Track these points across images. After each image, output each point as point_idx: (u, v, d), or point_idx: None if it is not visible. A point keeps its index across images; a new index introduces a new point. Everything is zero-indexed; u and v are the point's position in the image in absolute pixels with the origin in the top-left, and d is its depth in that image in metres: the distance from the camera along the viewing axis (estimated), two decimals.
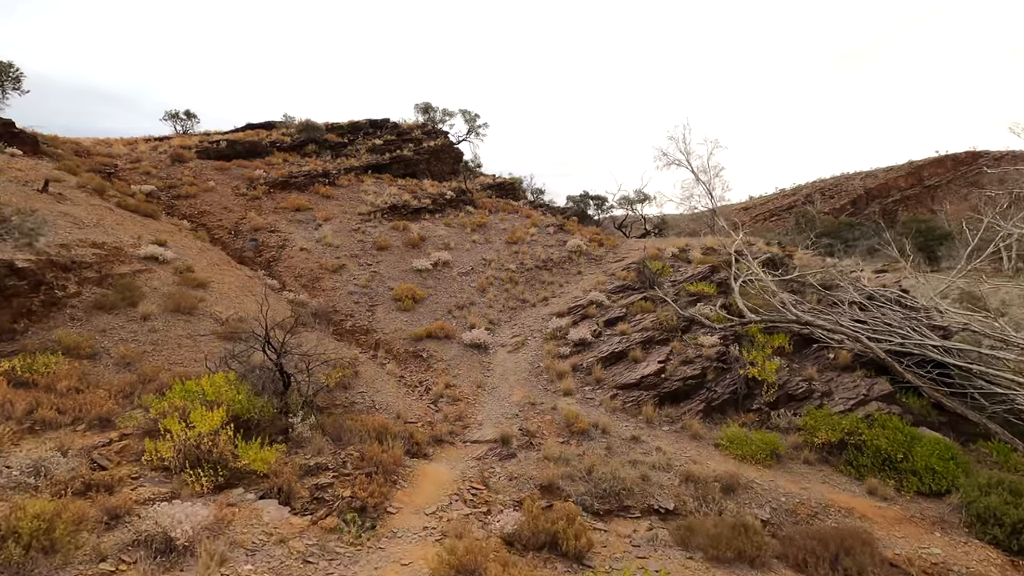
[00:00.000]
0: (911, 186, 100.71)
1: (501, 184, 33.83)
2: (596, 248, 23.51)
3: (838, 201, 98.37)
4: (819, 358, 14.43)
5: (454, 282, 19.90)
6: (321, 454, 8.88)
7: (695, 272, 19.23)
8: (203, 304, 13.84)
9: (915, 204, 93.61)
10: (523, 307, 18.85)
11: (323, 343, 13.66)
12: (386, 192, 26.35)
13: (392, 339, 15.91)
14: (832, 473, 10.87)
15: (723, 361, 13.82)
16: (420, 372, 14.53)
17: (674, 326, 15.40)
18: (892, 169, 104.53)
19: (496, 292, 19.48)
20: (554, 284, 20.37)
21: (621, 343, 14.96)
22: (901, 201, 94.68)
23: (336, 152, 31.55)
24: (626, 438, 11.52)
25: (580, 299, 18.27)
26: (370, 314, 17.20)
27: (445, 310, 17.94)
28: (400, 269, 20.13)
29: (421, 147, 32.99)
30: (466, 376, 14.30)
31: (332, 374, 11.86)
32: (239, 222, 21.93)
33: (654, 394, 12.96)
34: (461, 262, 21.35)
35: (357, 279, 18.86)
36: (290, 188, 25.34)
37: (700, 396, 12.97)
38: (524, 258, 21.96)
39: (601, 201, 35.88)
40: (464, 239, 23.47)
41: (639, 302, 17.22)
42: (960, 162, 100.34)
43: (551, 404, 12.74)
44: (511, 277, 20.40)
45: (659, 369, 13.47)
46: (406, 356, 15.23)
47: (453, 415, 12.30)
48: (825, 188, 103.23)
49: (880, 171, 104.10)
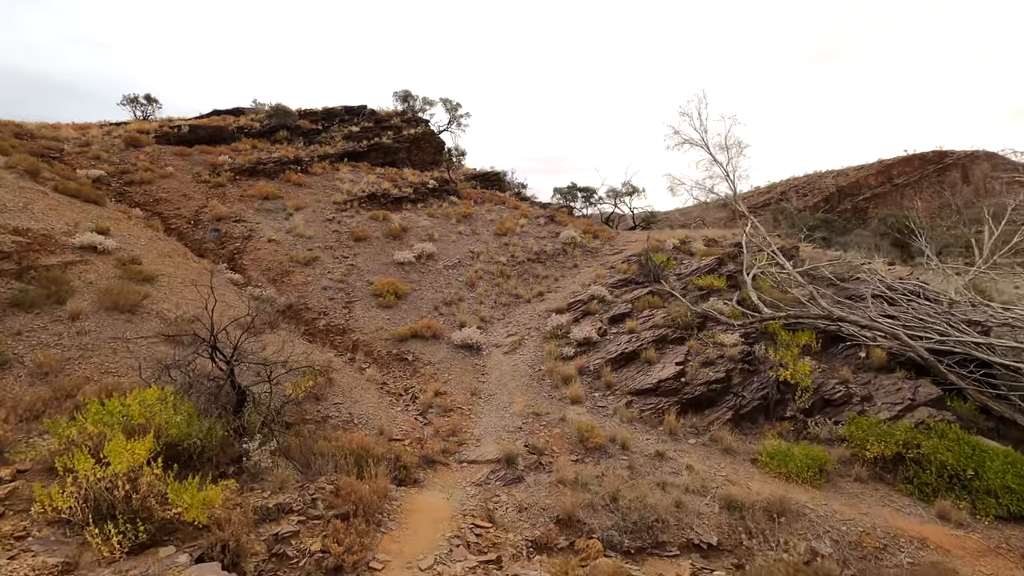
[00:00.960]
0: (881, 184, 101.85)
1: (486, 175, 31.86)
2: (591, 240, 21.75)
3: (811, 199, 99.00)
4: (849, 358, 12.89)
5: (440, 276, 17.92)
6: (284, 490, 6.90)
7: (702, 264, 17.60)
8: (148, 301, 11.65)
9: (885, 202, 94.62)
10: (517, 303, 16.98)
11: (291, 346, 11.59)
12: (364, 180, 24.19)
13: (372, 340, 13.89)
14: (890, 493, 9.27)
15: (748, 362, 12.17)
16: (405, 378, 12.56)
17: (688, 323, 13.72)
18: (863, 168, 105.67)
19: (487, 287, 17.57)
20: (549, 278, 18.55)
21: (631, 342, 13.21)
22: (872, 199, 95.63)
23: (309, 139, 29.19)
24: (650, 454, 9.76)
25: (579, 294, 16.49)
26: (347, 312, 15.13)
27: (431, 306, 15.97)
28: (380, 262, 18.07)
29: (401, 135, 30.80)
30: (458, 382, 12.37)
31: (301, 383, 9.84)
32: (199, 211, 19.57)
33: (674, 401, 11.23)
34: (447, 254, 19.38)
35: (332, 273, 16.76)
36: (258, 175, 23.00)
37: (727, 403, 11.29)
38: (515, 250, 20.08)
39: (590, 193, 34.19)
40: (449, 230, 21.48)
41: (645, 297, 15.50)
42: (927, 161, 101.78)
43: (558, 414, 10.91)
44: (502, 271, 18.51)
45: (678, 372, 11.74)
46: (389, 359, 13.23)
47: (446, 429, 10.38)
48: (799, 186, 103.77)
49: (851, 169, 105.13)
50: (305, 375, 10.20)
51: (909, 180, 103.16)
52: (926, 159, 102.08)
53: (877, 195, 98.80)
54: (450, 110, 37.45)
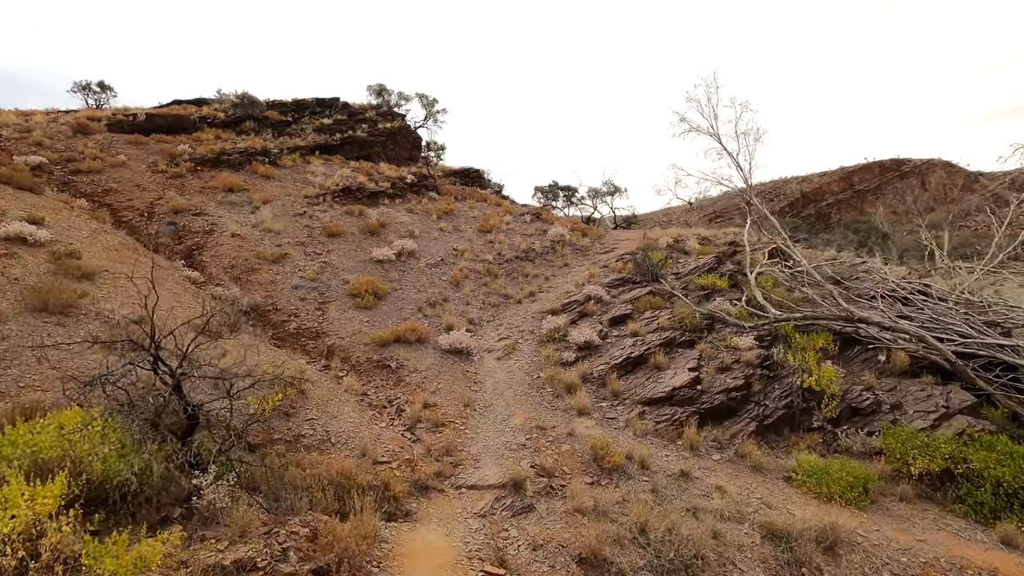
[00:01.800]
0: (843, 190, 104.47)
1: (465, 172, 30.41)
2: (580, 238, 20.57)
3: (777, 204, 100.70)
4: (868, 361, 11.93)
5: (422, 275, 16.43)
6: (246, 537, 5.37)
7: (700, 263, 16.57)
8: (86, 300, 9.89)
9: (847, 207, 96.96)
10: (507, 304, 15.61)
11: (256, 352, 9.98)
12: (337, 174, 22.48)
13: (350, 345, 12.32)
14: (942, 514, 8.23)
15: (767, 367, 11.08)
16: (389, 387, 11.04)
17: (696, 325, 12.59)
18: (826, 174, 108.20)
19: (473, 286, 16.16)
20: (539, 277, 17.25)
21: (637, 346, 11.99)
22: (834, 204, 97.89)
23: (278, 131, 27.26)
24: (673, 474, 8.51)
25: (574, 294, 15.23)
26: (320, 313, 13.51)
27: (414, 308, 14.47)
28: (356, 259, 16.47)
29: (376, 129, 29.12)
30: (449, 391, 10.92)
31: (268, 397, 8.26)
32: (155, 203, 17.61)
33: (692, 411, 10.03)
34: (429, 252, 17.89)
35: (303, 271, 15.09)
36: (221, 166, 21.06)
37: (748, 412, 10.15)
38: (501, 248, 18.72)
39: (571, 192, 33.04)
40: (430, 226, 19.98)
41: (645, 297, 14.34)
42: (886, 168, 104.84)
43: (565, 428, 9.58)
44: (489, 269, 17.12)
45: (692, 379, 10.56)
46: (369, 366, 11.69)
47: (439, 448, 8.93)
48: (765, 191, 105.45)
49: (815, 176, 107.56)
50: (273, 387, 8.63)
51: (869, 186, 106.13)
52: (885, 167, 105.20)
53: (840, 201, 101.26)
54: (426, 105, 35.87)
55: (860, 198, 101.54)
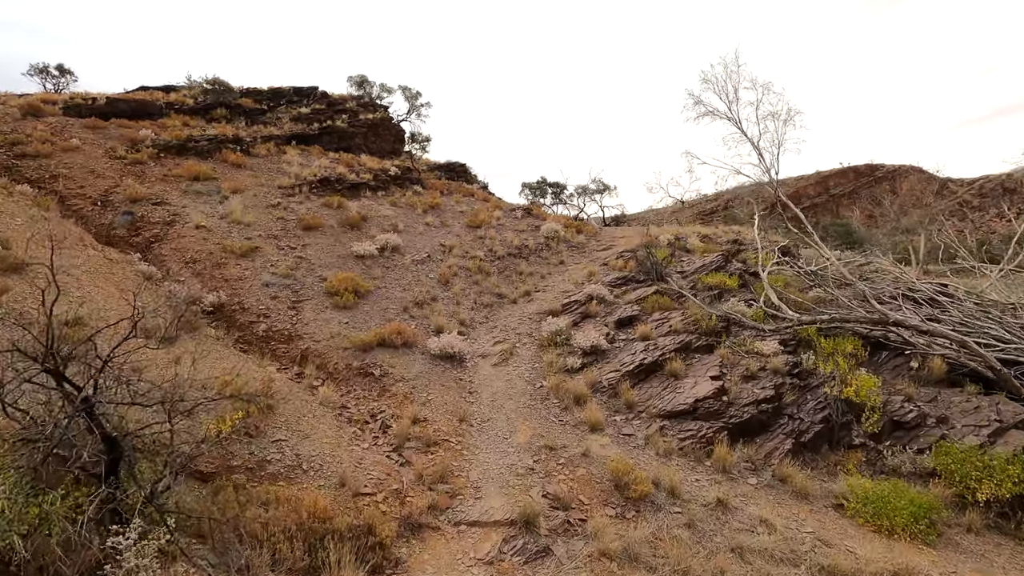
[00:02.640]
0: (819, 194, 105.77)
1: (451, 166, 28.91)
2: (575, 235, 19.26)
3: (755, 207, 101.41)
4: (899, 369, 10.84)
5: (408, 272, 14.93)
6: None
7: (707, 262, 15.39)
8: (7, 297, 8.22)
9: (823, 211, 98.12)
10: (500, 304, 14.21)
11: (215, 359, 8.44)
12: (315, 164, 20.81)
13: (327, 349, 10.79)
14: (1020, 548, 7.07)
15: (797, 376, 9.88)
16: (372, 399, 9.54)
17: (712, 328, 11.36)
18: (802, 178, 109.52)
19: (464, 285, 14.72)
20: (534, 275, 15.88)
21: (649, 351, 10.70)
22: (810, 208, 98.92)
23: (252, 119, 25.39)
24: (708, 504, 7.21)
25: (573, 293, 13.90)
26: (294, 313, 11.94)
27: (399, 308, 12.98)
28: (335, 254, 14.90)
29: (357, 120, 27.41)
30: (441, 403, 9.47)
31: (227, 415, 6.75)
32: (110, 191, 15.77)
33: (719, 426, 8.76)
34: (414, 247, 16.39)
35: (276, 266, 13.48)
36: (188, 153, 19.23)
37: (781, 427, 8.92)
38: (493, 244, 17.31)
39: (560, 189, 31.78)
40: (415, 221, 18.47)
41: (652, 297, 13.08)
42: (860, 173, 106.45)
43: (578, 447, 8.22)
44: (480, 267, 15.69)
45: (716, 389, 9.29)
46: (349, 374, 10.18)
47: (432, 473, 7.49)
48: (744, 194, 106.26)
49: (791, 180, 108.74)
50: (236, 402, 7.10)
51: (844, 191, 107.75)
52: (859, 172, 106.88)
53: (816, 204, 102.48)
54: (409, 98, 34.15)
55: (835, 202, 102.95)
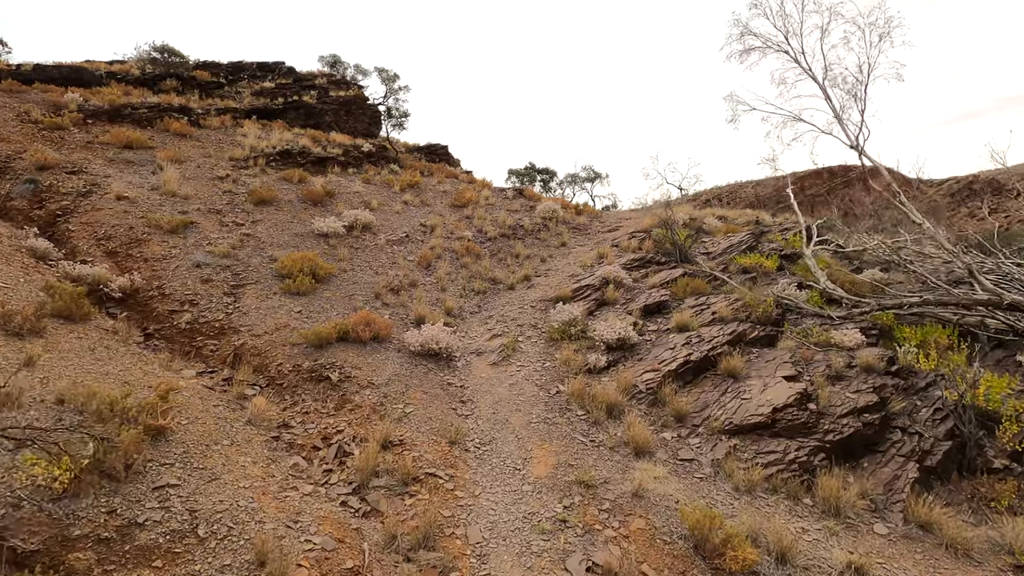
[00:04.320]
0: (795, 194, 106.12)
1: (432, 148, 26.01)
2: (574, 215, 16.66)
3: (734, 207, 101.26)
4: (1003, 364, 8.45)
5: (381, 252, 12.12)
6: None
7: (735, 241, 12.94)
8: None
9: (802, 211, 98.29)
10: (495, 290, 11.48)
11: (94, 361, 5.58)
12: (276, 136, 17.83)
13: (269, 345, 7.94)
14: None
15: (896, 375, 7.38)
16: (326, 414, 6.73)
17: (768, 315, 8.83)
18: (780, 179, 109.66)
19: (450, 268, 11.96)
20: (533, 258, 13.19)
21: (694, 345, 8.11)
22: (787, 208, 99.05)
23: (207, 93, 22.23)
24: (837, 572, 4.60)
25: (582, 277, 11.26)
26: (231, 300, 9.05)
27: (370, 294, 10.18)
28: (292, 232, 12.01)
29: (328, 97, 24.40)
30: (424, 418, 6.71)
31: (75, 452, 3.92)
32: (12, 157, 12.62)
33: (813, 446, 6.19)
34: (390, 226, 13.57)
35: (214, 244, 10.56)
36: (122, 121, 16.10)
37: (896, 447, 6.37)
38: (483, 224, 14.57)
39: (549, 176, 29.21)
40: (391, 199, 15.64)
41: (682, 280, 10.53)
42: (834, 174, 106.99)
43: (625, 482, 5.56)
44: (468, 248, 12.95)
45: (798, 395, 6.72)
46: (297, 379, 7.34)
47: (411, 531, 4.74)
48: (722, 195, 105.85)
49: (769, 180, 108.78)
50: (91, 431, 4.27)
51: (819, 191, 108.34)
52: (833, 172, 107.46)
53: None
54: (386, 80, 31.26)
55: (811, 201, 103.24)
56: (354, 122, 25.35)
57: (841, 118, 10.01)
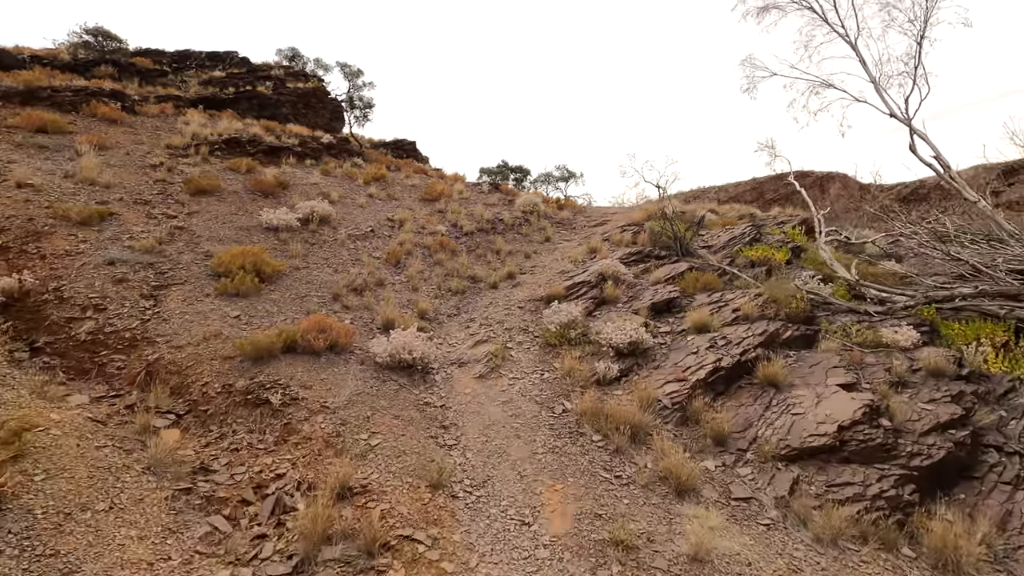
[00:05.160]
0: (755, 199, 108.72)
1: (399, 144, 24.22)
2: (557, 210, 15.22)
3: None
4: None
5: (342, 248, 10.37)
6: None
7: (737, 233, 11.70)
8: None
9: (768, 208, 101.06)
10: (476, 289, 9.87)
11: None
12: (223, 124, 15.82)
13: (194, 360, 6.13)
14: None
15: (968, 379, 6.11)
16: (263, 450, 4.98)
17: (801, 312, 7.50)
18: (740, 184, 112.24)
19: (422, 266, 10.29)
20: (516, 254, 11.64)
21: (720, 348, 6.70)
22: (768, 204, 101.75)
23: (148, 81, 19.95)
24: None
25: (576, 273, 9.78)
26: (150, 305, 7.18)
27: (327, 295, 8.43)
28: (235, 226, 10.15)
29: (285, 88, 22.38)
30: (394, 453, 5.04)
31: None
32: None
33: (899, 475, 4.81)
34: (352, 220, 11.82)
35: (136, 238, 8.64)
36: (39, 104, 13.85)
37: (997, 471, 5.04)
38: (458, 218, 12.94)
39: (523, 175, 27.78)
40: (354, 192, 13.86)
41: (690, 275, 9.16)
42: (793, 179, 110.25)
43: (673, 538, 4.05)
44: (443, 243, 11.30)
45: (865, 409, 5.35)
46: (227, 404, 5.57)
47: None
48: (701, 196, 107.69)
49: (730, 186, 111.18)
50: None
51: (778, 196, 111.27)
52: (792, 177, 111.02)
53: None
54: (349, 76, 29.36)
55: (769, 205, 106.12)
56: (314, 116, 23.36)
57: (878, 83, 8.79)
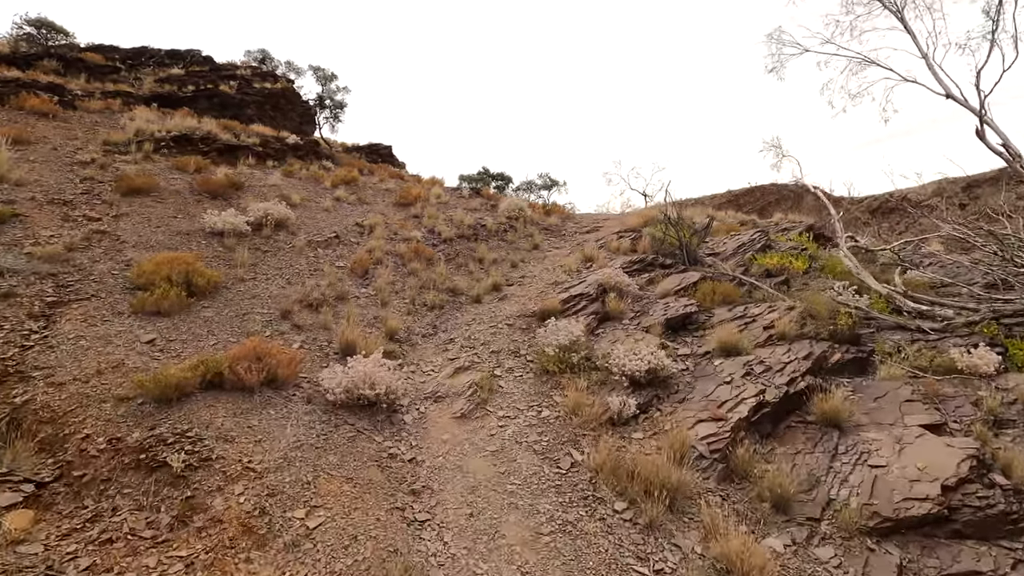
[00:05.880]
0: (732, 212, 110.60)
1: (375, 148, 22.67)
2: (543, 215, 13.88)
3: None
4: None
5: (300, 256, 8.80)
6: None
7: (746, 240, 10.49)
8: None
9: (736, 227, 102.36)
10: (456, 303, 8.39)
11: None
12: (175, 122, 14.13)
13: (75, 403, 4.53)
14: None
15: None
16: (147, 542, 3.41)
17: (848, 331, 6.22)
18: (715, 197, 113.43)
19: (394, 276, 8.78)
20: (502, 263, 10.22)
21: (759, 377, 5.36)
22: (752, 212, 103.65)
23: (98, 77, 18.14)
24: None
25: (571, 284, 8.39)
26: (39, 326, 5.55)
27: (274, 312, 6.87)
28: (172, 230, 8.52)
29: (251, 88, 20.71)
30: (341, 540, 3.53)
31: None
32: None
33: None
34: (315, 225, 10.27)
35: (41, 244, 7.00)
36: None
37: None
38: (435, 224, 11.48)
39: (505, 182, 26.44)
40: (319, 194, 12.30)
41: (705, 285, 7.86)
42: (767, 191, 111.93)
43: None
44: (418, 251, 9.82)
45: (971, 459, 4.04)
46: (112, 467, 4.00)
47: None
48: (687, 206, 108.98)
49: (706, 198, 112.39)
50: None
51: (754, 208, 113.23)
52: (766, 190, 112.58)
53: None
54: (323, 80, 27.82)
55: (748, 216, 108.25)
56: (283, 118, 21.70)
57: (931, 58, 7.58)
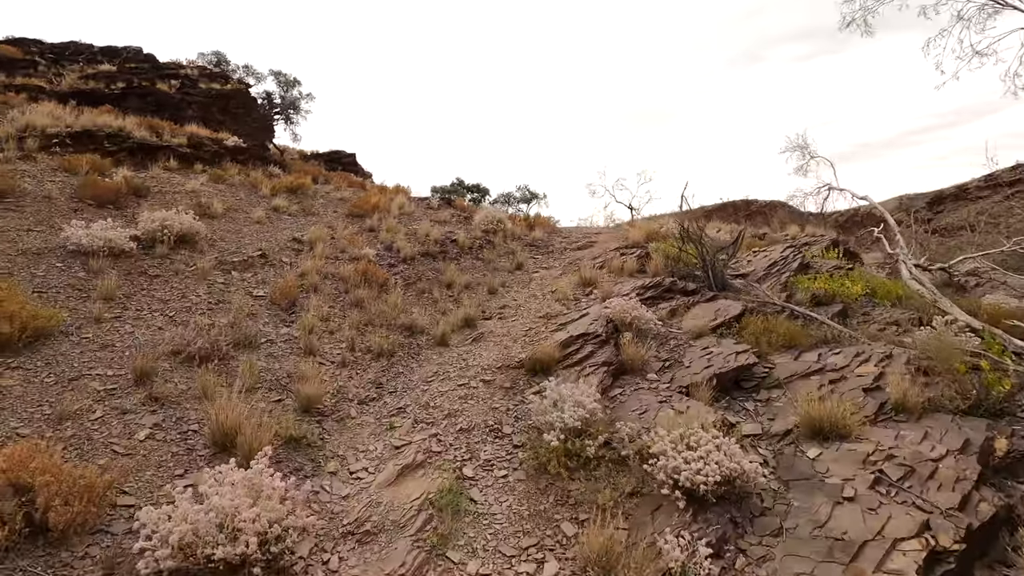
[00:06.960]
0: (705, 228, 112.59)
1: (336, 156, 20.21)
2: (525, 229, 11.66)
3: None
4: None
5: (200, 283, 6.35)
6: None
7: (777, 258, 8.44)
8: None
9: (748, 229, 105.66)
10: (413, 347, 6.03)
11: None
12: (84, 119, 11.54)
13: None
14: None
15: None
16: None
17: (999, 400, 4.09)
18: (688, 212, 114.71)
19: (331, 309, 6.40)
20: (478, 288, 7.91)
21: (896, 482, 3.15)
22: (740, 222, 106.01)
23: (9, 71, 15.41)
24: None
25: (569, 318, 6.13)
26: None
27: (124, 373, 4.43)
28: (17, 247, 6.00)
29: (195, 88, 18.17)
30: None
31: None
32: None
33: None
34: (235, 240, 7.82)
35: None
36: None
37: None
38: (395, 238, 9.12)
39: (482, 194, 24.25)
40: (253, 203, 9.85)
41: (754, 322, 5.69)
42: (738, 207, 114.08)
43: None
44: (368, 273, 7.45)
45: None
46: None
47: None
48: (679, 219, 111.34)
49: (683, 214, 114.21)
50: None
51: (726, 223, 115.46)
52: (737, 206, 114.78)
53: None
54: (284, 85, 25.40)
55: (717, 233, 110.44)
56: (234, 123, 19.10)
57: None
